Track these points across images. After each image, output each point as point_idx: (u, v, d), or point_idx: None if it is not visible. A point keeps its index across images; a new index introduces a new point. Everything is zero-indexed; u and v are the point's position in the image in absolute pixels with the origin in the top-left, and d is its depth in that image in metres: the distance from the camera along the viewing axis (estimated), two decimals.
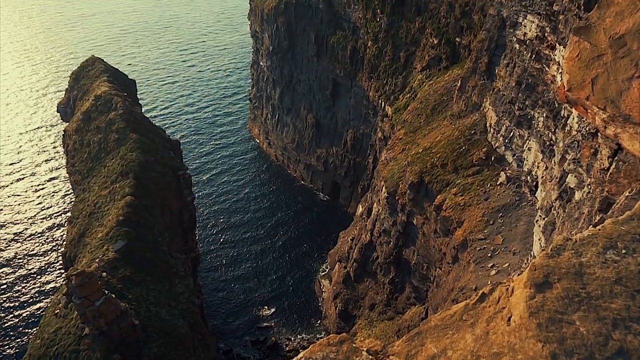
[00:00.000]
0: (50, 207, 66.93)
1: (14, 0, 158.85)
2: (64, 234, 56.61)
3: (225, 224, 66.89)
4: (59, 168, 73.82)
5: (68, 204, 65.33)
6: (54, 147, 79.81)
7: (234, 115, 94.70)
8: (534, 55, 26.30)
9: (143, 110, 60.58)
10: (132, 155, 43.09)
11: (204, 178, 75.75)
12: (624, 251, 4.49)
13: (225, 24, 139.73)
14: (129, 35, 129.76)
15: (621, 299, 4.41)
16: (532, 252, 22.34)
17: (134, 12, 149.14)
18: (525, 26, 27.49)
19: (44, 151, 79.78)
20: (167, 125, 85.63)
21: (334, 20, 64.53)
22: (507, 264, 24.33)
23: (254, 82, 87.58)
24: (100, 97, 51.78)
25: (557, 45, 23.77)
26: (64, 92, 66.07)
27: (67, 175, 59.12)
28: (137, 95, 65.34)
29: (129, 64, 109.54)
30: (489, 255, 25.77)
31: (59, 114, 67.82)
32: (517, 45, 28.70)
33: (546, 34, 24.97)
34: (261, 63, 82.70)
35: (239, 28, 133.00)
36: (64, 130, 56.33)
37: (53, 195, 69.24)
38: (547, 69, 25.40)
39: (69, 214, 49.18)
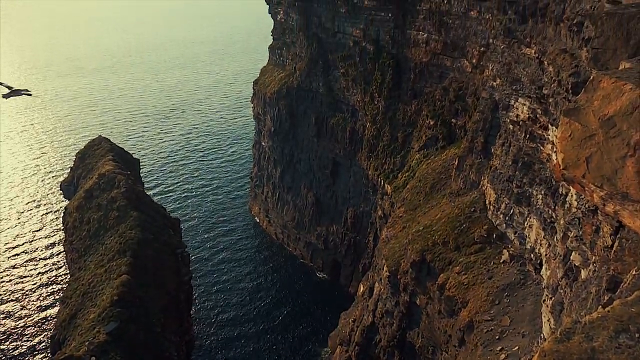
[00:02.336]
0: (46, 286, 65.27)
1: (28, 87, 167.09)
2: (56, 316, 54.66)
3: (222, 304, 64.82)
4: (58, 246, 73.04)
5: (63, 283, 63.81)
6: (54, 225, 79.57)
7: (234, 193, 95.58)
8: (527, 135, 27.10)
9: (146, 189, 61.33)
10: (132, 233, 42.88)
11: (203, 257, 74.66)
12: (637, 335, 4.27)
13: (229, 107, 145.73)
14: (137, 118, 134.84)
15: None
16: (541, 334, 21.36)
17: (142, 96, 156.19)
18: (517, 108, 28.62)
19: (44, 229, 79.43)
20: (168, 204, 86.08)
21: (333, 103, 67.42)
22: (517, 347, 23.17)
23: (256, 162, 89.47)
24: (104, 175, 52.65)
25: (550, 125, 24.57)
26: (68, 171, 67.28)
27: (64, 253, 58.38)
28: (140, 174, 66.45)
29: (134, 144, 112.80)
30: (497, 337, 24.63)
31: (61, 191, 68.50)
32: (510, 126, 29.68)
33: (538, 116, 25.93)
34: (263, 143, 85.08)
35: (242, 111, 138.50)
36: (65, 208, 56.59)
37: (49, 274, 67.80)
38: (541, 148, 26.05)
39: (62, 293, 47.85)
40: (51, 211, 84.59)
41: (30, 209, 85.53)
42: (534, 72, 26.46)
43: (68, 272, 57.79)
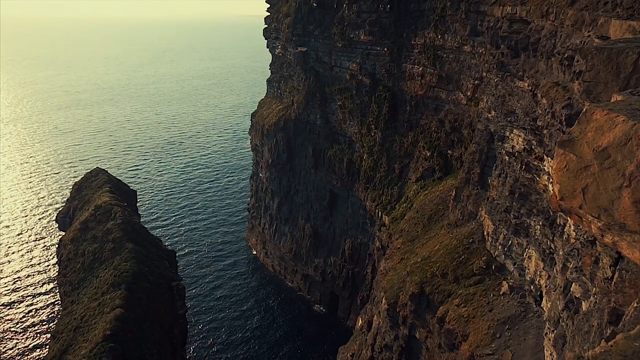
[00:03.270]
0: (39, 322, 63.82)
1: (29, 120, 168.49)
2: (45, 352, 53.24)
3: (220, 342, 63.37)
4: (52, 280, 71.88)
5: (56, 317, 62.44)
6: (49, 258, 78.55)
7: (233, 226, 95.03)
8: (523, 166, 27.25)
9: (143, 221, 60.80)
10: (126, 265, 42.31)
11: (201, 293, 73.48)
12: None
13: (228, 139, 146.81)
14: (135, 150, 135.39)
15: None
16: None
17: (140, 128, 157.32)
18: (513, 140, 28.91)
19: (38, 263, 78.36)
20: (165, 237, 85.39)
21: (330, 135, 68.06)
22: None
23: (253, 193, 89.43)
24: (100, 207, 52.37)
25: (545, 156, 24.77)
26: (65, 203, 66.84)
27: (57, 286, 57.36)
28: (137, 206, 66.09)
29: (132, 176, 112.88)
30: None
31: (57, 223, 67.91)
32: (506, 157, 29.90)
33: (533, 147, 26.16)
34: (260, 174, 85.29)
35: (240, 143, 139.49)
36: (59, 240, 55.97)
37: (42, 309, 66.44)
38: (538, 178, 26.16)
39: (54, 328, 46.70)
40: (46, 244, 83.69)
41: (26, 242, 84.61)
42: (528, 105, 26.87)
43: (61, 306, 56.67)
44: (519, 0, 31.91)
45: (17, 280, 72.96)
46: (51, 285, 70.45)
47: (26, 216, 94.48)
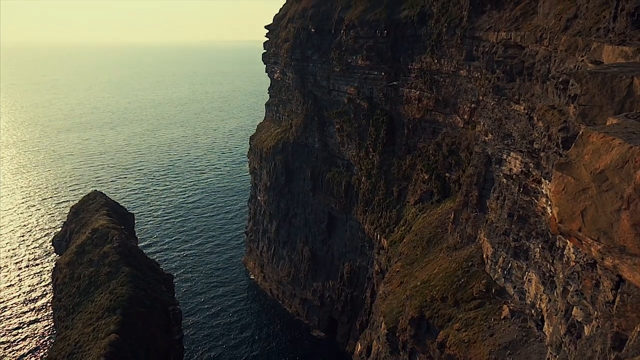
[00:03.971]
0: (31, 348, 62.56)
1: (29, 144, 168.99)
2: None
3: None
4: (48, 305, 70.81)
5: (49, 343, 61.24)
6: (45, 283, 77.56)
7: (230, 249, 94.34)
8: (521, 189, 27.30)
9: (140, 246, 60.39)
10: (122, 289, 41.81)
11: (197, 314, 72.39)
12: None
13: (226, 162, 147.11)
14: (134, 174, 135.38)
15: None
16: None
17: (139, 152, 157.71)
18: (510, 162, 29.04)
19: (33, 288, 77.34)
20: (162, 260, 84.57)
21: (328, 158, 68.33)
22: None
23: (251, 216, 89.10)
24: (97, 230, 52.06)
25: (543, 179, 24.84)
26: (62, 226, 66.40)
27: (52, 311, 56.44)
28: (135, 229, 65.68)
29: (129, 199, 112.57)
30: None
31: (53, 247, 67.38)
32: (504, 180, 29.98)
33: (530, 169, 26.27)
34: (259, 197, 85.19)
35: (239, 166, 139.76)
36: (55, 263, 55.41)
37: (35, 334, 65.22)
38: (536, 201, 26.17)
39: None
40: (43, 267, 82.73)
41: (23, 265, 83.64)
42: (524, 128, 27.10)
43: (55, 331, 55.65)
44: (514, 26, 32.60)
45: (12, 305, 71.85)
46: (46, 310, 69.34)
47: (23, 237, 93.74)
